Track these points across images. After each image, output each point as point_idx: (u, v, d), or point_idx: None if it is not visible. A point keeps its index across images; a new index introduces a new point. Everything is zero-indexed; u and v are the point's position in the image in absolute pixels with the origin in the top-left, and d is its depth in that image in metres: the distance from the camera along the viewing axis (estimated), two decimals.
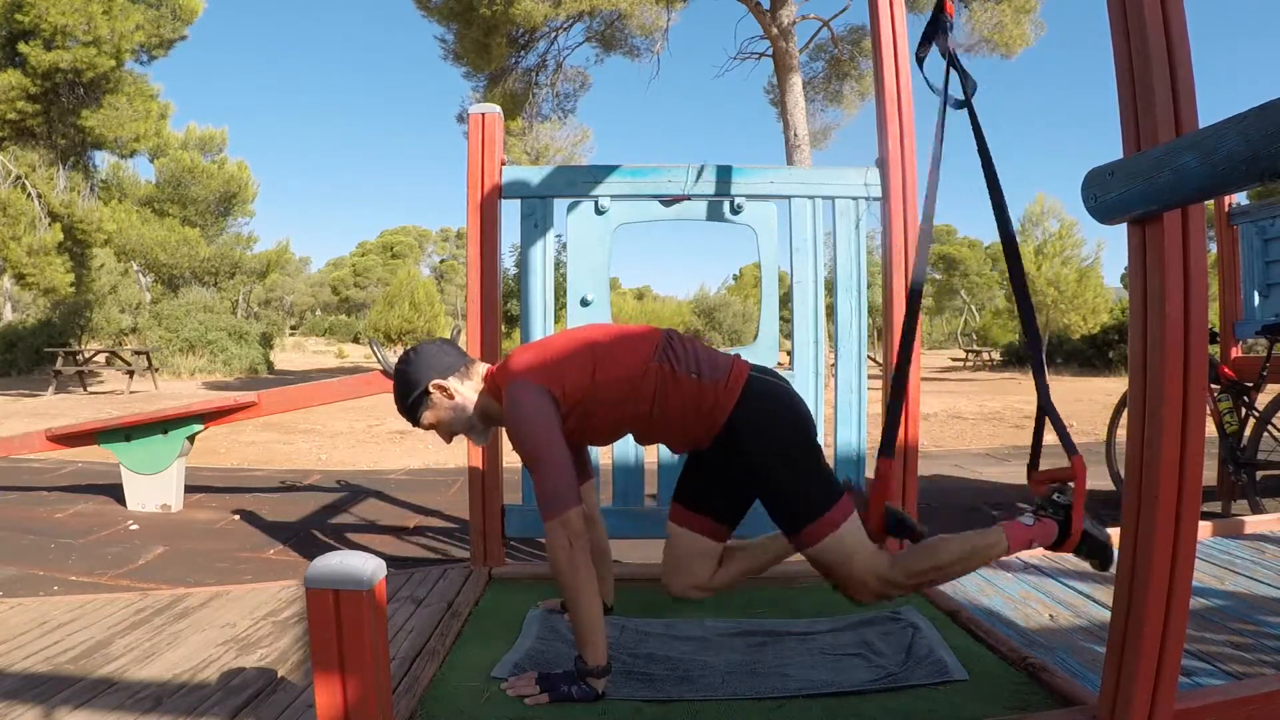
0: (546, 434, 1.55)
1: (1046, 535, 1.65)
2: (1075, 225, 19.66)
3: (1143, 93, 1.22)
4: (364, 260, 47.25)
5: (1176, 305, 1.20)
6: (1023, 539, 1.64)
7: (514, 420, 1.57)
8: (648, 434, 1.77)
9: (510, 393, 1.60)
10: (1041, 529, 1.65)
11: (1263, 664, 1.66)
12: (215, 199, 21.58)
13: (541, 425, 1.56)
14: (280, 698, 1.61)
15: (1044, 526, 1.65)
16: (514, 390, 1.60)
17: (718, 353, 1.73)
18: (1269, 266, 3.66)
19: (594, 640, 1.50)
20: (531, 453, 1.55)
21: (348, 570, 1.14)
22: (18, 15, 11.13)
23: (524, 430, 1.56)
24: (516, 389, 1.60)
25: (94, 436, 3.87)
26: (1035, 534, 1.65)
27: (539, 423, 1.56)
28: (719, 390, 1.64)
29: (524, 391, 1.59)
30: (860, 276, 2.55)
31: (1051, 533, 1.64)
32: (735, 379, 1.66)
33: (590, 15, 11.81)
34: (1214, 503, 3.52)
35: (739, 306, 24.91)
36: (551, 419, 1.57)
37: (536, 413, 1.56)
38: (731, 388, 1.64)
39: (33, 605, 2.32)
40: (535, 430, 1.55)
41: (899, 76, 2.45)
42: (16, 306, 23.72)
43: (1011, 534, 1.64)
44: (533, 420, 1.56)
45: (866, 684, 1.57)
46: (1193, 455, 1.22)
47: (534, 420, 1.56)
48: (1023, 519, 1.67)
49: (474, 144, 2.48)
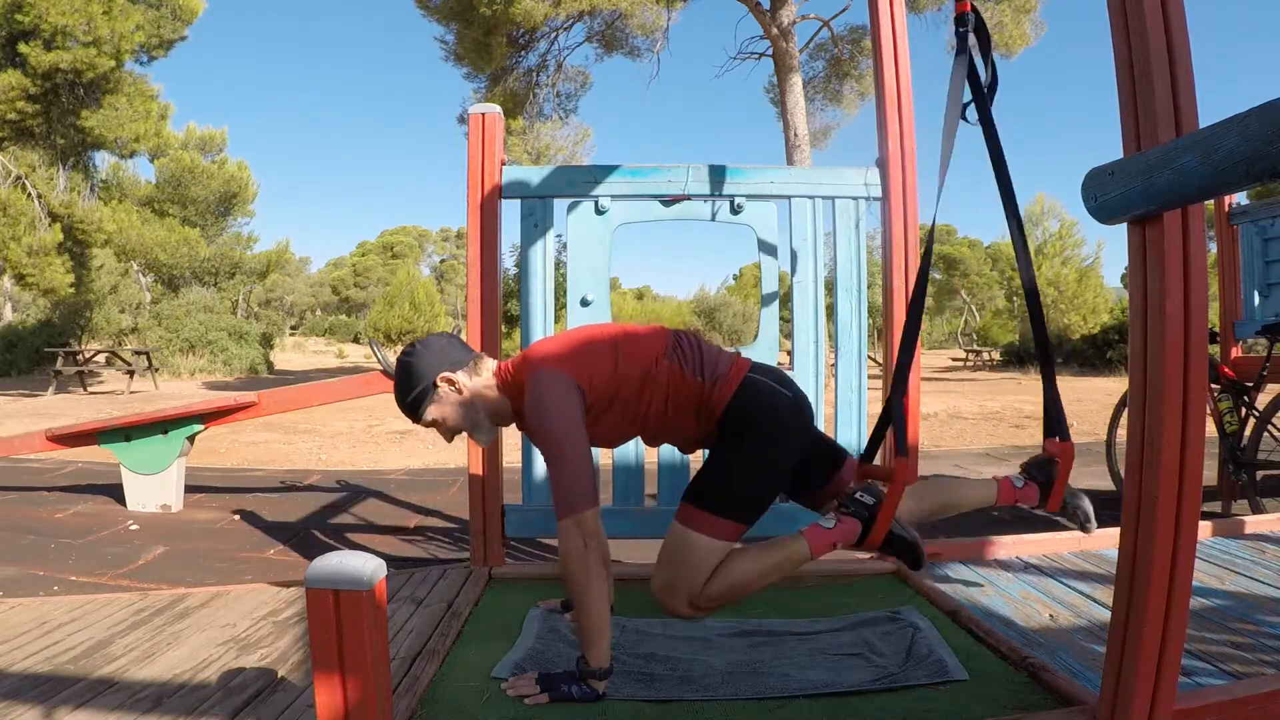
0: (570, 426, 1.52)
1: (849, 536, 1.63)
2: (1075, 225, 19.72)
3: (1143, 93, 1.21)
4: (364, 260, 47.28)
5: (1176, 305, 1.20)
6: (825, 543, 1.63)
7: (539, 411, 1.53)
8: (657, 433, 1.76)
9: (536, 383, 1.56)
10: (844, 529, 1.63)
11: (1263, 664, 1.66)
12: (215, 199, 21.58)
13: (568, 418, 1.52)
14: (280, 698, 1.60)
15: (846, 527, 1.63)
16: (540, 381, 1.55)
17: (721, 352, 1.73)
18: (1269, 266, 3.66)
19: (599, 642, 1.49)
20: (554, 446, 1.51)
21: (348, 570, 1.14)
22: (18, 15, 11.13)
23: (549, 422, 1.51)
24: (544, 379, 1.55)
25: (94, 436, 3.87)
26: (837, 535, 1.63)
27: (566, 415, 1.52)
28: (716, 389, 1.65)
29: (552, 382, 1.55)
30: (860, 276, 2.55)
31: (854, 533, 1.62)
32: (732, 378, 1.66)
33: (590, 15, 11.82)
34: (1214, 503, 3.52)
35: (739, 306, 24.92)
36: (578, 412, 1.54)
37: (564, 404, 1.53)
38: (725, 390, 1.65)
39: (33, 605, 2.32)
40: (561, 422, 1.51)
41: (899, 76, 2.45)
42: (16, 306, 23.71)
43: (813, 540, 1.63)
44: (557, 411, 1.52)
45: (867, 684, 1.57)
46: (1193, 455, 1.22)
47: (559, 411, 1.52)
48: (823, 522, 1.65)
49: (474, 144, 2.47)
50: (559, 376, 1.56)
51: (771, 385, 1.70)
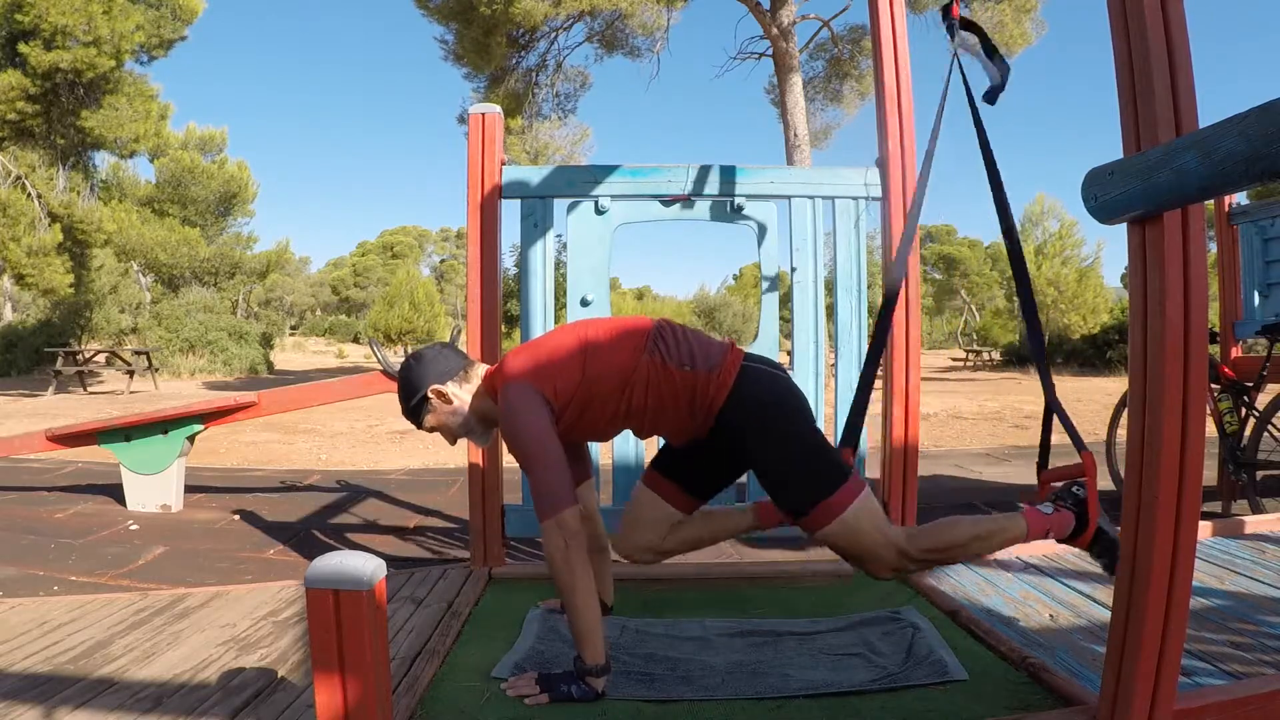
0: (539, 435, 1.56)
1: (1063, 526, 1.65)
2: (1075, 225, 19.70)
3: (1143, 93, 1.22)
4: (364, 260, 47.29)
5: (1176, 305, 1.20)
6: (1041, 527, 1.65)
7: (508, 422, 1.59)
8: (645, 427, 1.75)
9: (504, 395, 1.62)
10: (1059, 519, 1.65)
11: (1263, 664, 1.66)
12: (215, 199, 21.59)
13: (534, 426, 1.56)
14: (280, 698, 1.60)
15: (1061, 517, 1.65)
16: (507, 393, 1.61)
17: (712, 341, 1.70)
18: (1269, 266, 3.66)
19: (592, 639, 1.50)
20: (525, 454, 1.56)
21: (348, 570, 1.14)
22: (18, 15, 11.14)
23: (518, 432, 1.57)
24: (510, 391, 1.61)
25: (94, 436, 3.87)
26: (1053, 523, 1.65)
27: (532, 424, 1.56)
28: (711, 380, 1.62)
29: (516, 393, 1.60)
30: (860, 276, 2.55)
31: (1068, 524, 1.65)
32: (729, 368, 1.63)
33: (590, 15, 11.81)
34: (1214, 503, 3.52)
35: (739, 306, 24.92)
36: (544, 419, 1.58)
37: (529, 414, 1.57)
38: (724, 378, 1.62)
39: (33, 605, 2.32)
40: (528, 432, 1.56)
41: (899, 76, 2.45)
42: (16, 306, 23.70)
43: (1031, 520, 1.65)
44: (526, 422, 1.57)
45: (867, 684, 1.57)
46: (1193, 455, 1.22)
47: (527, 422, 1.56)
48: (1042, 508, 1.67)
49: (474, 144, 2.48)
50: (525, 388, 1.60)
51: (771, 371, 1.69)
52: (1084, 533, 1.65)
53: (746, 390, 1.62)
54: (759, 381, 1.64)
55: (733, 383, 1.62)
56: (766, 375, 1.67)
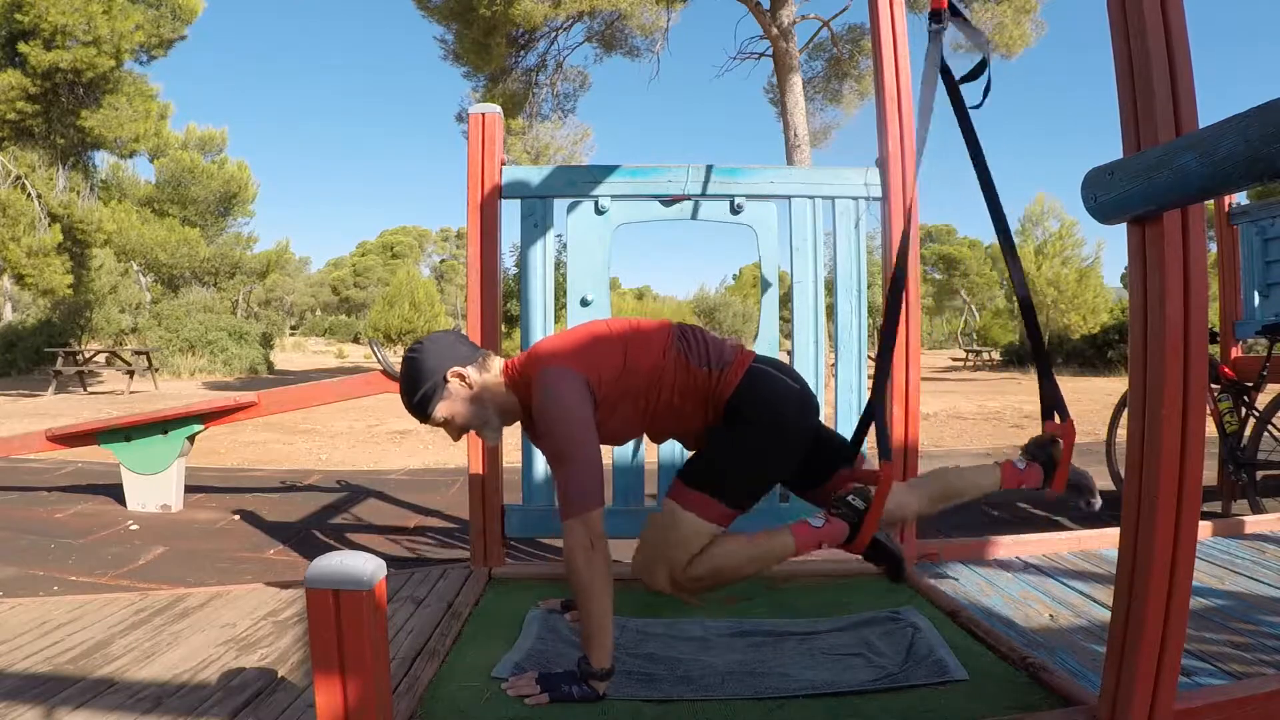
0: (582, 425, 1.51)
1: (835, 536, 1.62)
2: (1075, 225, 19.71)
3: (1143, 93, 1.21)
4: (364, 260, 47.28)
5: (1176, 305, 1.20)
6: (810, 541, 1.63)
7: (548, 408, 1.51)
8: (665, 428, 1.76)
9: (544, 380, 1.54)
10: (831, 530, 1.62)
11: (1263, 664, 1.66)
12: (215, 199, 21.60)
13: (577, 415, 1.51)
14: (280, 698, 1.60)
15: (833, 528, 1.62)
16: (549, 377, 1.53)
17: (725, 342, 1.73)
18: (1269, 266, 3.66)
19: (601, 643, 1.49)
20: (563, 444, 1.50)
21: (348, 570, 1.14)
22: (18, 15, 11.14)
23: (558, 419, 1.50)
24: (553, 376, 1.53)
25: (94, 436, 3.87)
26: (824, 535, 1.63)
27: (575, 412, 1.51)
28: (724, 378, 1.66)
29: (560, 379, 1.53)
30: (860, 276, 2.55)
31: (841, 533, 1.62)
32: (737, 367, 1.67)
33: (590, 15, 11.80)
34: (1214, 503, 3.52)
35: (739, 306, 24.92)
36: (587, 410, 1.53)
37: (573, 401, 1.52)
38: (730, 378, 1.66)
39: (33, 605, 2.32)
40: (570, 420, 1.50)
41: (899, 76, 2.45)
42: (16, 306, 23.70)
43: (800, 536, 1.63)
44: (568, 407, 1.51)
45: (867, 684, 1.57)
46: (1193, 455, 1.22)
47: (570, 409, 1.51)
48: (812, 520, 1.65)
49: (474, 144, 2.47)
50: (568, 373, 1.54)
51: (778, 376, 1.70)
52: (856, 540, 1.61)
53: (748, 390, 1.65)
54: (762, 384, 1.66)
55: (739, 380, 1.65)
56: (772, 380, 1.68)
